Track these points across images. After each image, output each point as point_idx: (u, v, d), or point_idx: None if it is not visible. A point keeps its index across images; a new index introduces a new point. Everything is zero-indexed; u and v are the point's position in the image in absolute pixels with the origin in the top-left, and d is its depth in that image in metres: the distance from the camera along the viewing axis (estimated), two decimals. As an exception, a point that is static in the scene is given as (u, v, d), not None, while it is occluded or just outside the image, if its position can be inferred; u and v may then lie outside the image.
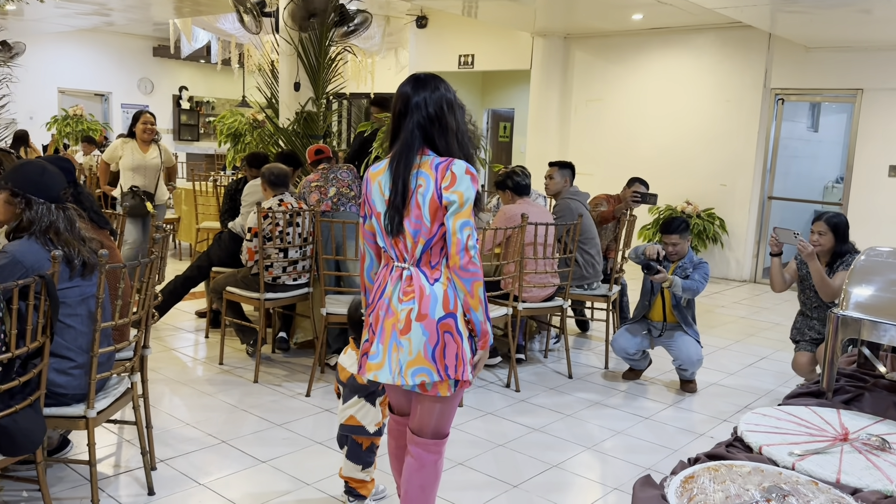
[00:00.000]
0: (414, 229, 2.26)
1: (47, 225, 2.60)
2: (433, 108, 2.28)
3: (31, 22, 12.30)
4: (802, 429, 1.82)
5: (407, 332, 2.25)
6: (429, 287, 2.27)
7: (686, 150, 9.09)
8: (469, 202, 2.22)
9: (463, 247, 2.21)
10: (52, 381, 2.57)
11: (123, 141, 6.30)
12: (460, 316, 2.28)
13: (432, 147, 2.30)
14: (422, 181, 2.24)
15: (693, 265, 4.61)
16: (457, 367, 2.27)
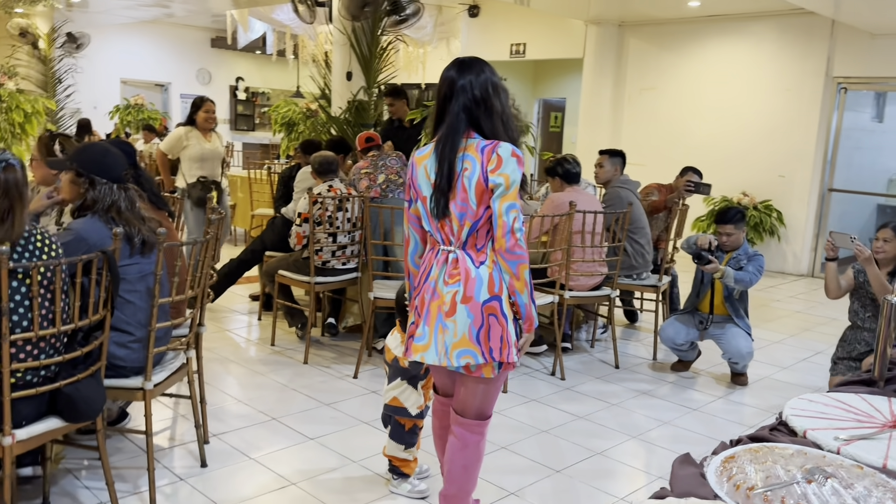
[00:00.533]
0: (460, 212, 2.29)
1: (109, 204, 2.71)
2: (479, 90, 2.30)
3: (95, 14, 12.69)
4: (850, 415, 1.79)
5: (452, 314, 2.28)
6: (474, 270, 2.29)
7: (743, 141, 8.89)
8: (515, 185, 2.23)
9: (509, 229, 2.22)
10: (112, 354, 2.68)
11: (187, 130, 5.96)
12: (505, 299, 2.30)
13: (478, 130, 2.31)
14: (468, 164, 2.26)
15: (747, 257, 4.51)
16: (501, 349, 2.29)
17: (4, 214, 2.18)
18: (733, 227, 4.53)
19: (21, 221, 2.23)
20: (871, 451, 1.59)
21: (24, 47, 12.12)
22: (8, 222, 2.19)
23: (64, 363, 2.34)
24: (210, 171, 5.93)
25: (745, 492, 1.40)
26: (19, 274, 2.16)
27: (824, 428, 1.70)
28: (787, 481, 1.41)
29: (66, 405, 2.32)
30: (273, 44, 13.76)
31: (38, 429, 2.28)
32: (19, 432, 2.22)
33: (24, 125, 6.52)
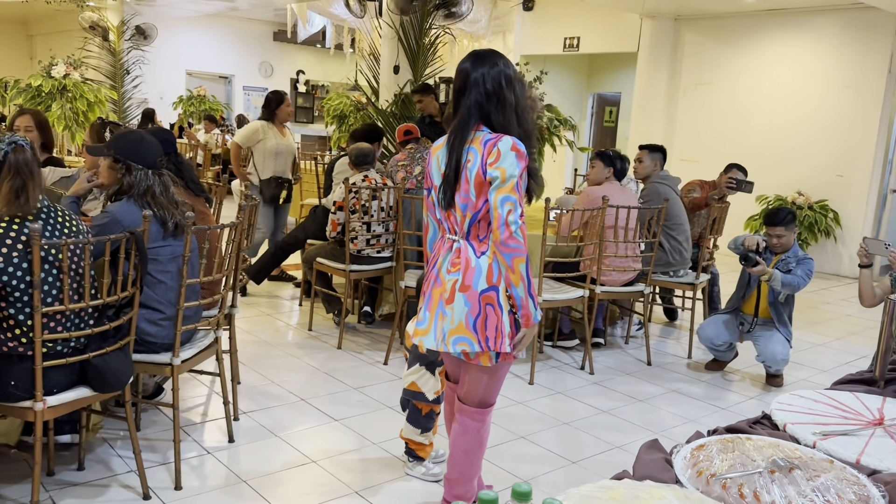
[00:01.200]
0: (463, 203, 2.34)
1: (145, 189, 2.86)
2: (491, 83, 2.33)
3: (162, 7, 13.15)
4: (837, 412, 1.78)
5: (451, 301, 2.34)
6: (475, 259, 2.34)
7: (800, 138, 8.65)
8: (512, 178, 2.25)
9: (503, 222, 2.25)
10: (143, 330, 2.84)
11: (264, 124, 5.86)
12: (503, 289, 2.33)
13: (488, 123, 2.35)
14: (471, 156, 2.30)
15: (797, 260, 4.40)
16: (496, 339, 2.33)
17: (18, 191, 2.35)
18: (784, 229, 4.42)
19: (34, 196, 2.40)
20: (848, 446, 1.59)
21: (95, 39, 12.67)
22: (22, 197, 2.36)
23: (93, 336, 2.50)
24: (283, 167, 5.91)
25: (706, 478, 1.42)
26: (51, 251, 2.32)
27: (806, 423, 1.70)
28: (749, 471, 1.43)
29: (94, 376, 2.48)
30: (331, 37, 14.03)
31: (68, 396, 2.44)
32: (50, 399, 2.38)
33: (87, 113, 6.84)
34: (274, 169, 5.87)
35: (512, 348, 2.36)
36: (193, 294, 3.02)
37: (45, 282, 2.32)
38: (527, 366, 4.46)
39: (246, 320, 5.18)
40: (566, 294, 4.47)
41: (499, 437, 3.55)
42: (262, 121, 5.92)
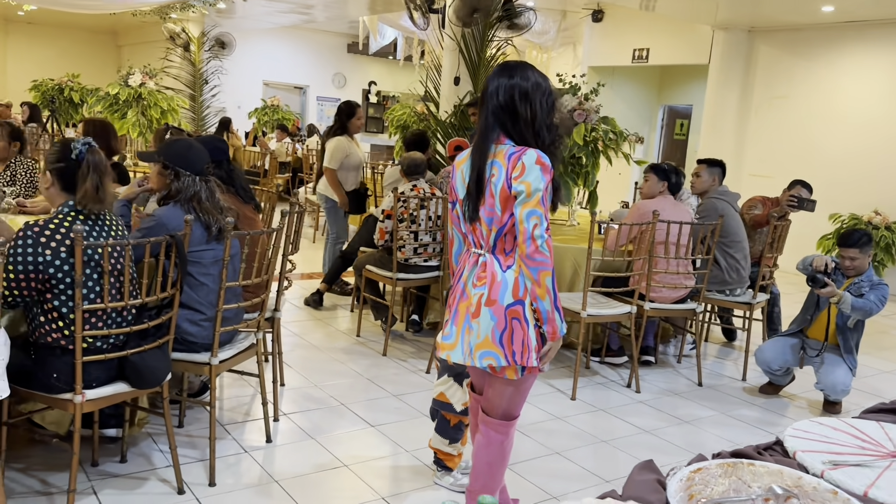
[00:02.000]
0: (488, 217, 2.34)
1: (191, 194, 2.98)
2: (504, 96, 2.32)
3: (241, 19, 13.65)
4: (856, 441, 1.70)
5: (477, 315, 2.34)
6: (501, 273, 2.33)
7: (878, 155, 8.26)
8: (538, 192, 2.23)
9: (529, 236, 2.24)
10: (184, 330, 2.95)
11: (345, 140, 5.82)
12: (528, 304, 2.31)
13: (509, 135, 2.35)
14: (495, 170, 2.30)
15: (870, 284, 4.17)
16: (522, 353, 2.31)
17: (98, 188, 2.50)
18: (858, 251, 4.21)
19: (110, 195, 2.57)
20: (858, 477, 1.52)
21: (177, 50, 13.25)
22: (101, 193, 2.52)
23: (132, 334, 2.61)
24: (360, 178, 5.98)
25: (697, 503, 1.39)
26: (94, 251, 2.44)
27: (818, 451, 1.63)
28: (742, 497, 1.38)
29: (132, 372, 2.59)
30: (402, 49, 14.25)
31: (106, 391, 2.56)
32: (89, 392, 2.50)
33: (161, 120, 7.16)
34: (356, 181, 5.98)
35: (538, 362, 2.35)
36: (234, 297, 3.11)
37: (88, 280, 2.45)
38: (570, 381, 4.41)
39: (297, 324, 5.30)
40: (612, 309, 4.40)
41: (533, 451, 3.52)
42: (340, 136, 5.89)
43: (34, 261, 2.39)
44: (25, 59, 16.52)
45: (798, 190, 5.30)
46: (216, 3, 10.71)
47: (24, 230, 2.41)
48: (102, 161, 2.57)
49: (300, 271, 7.09)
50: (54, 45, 16.90)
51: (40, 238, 2.41)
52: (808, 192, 5.34)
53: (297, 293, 6.19)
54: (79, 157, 2.53)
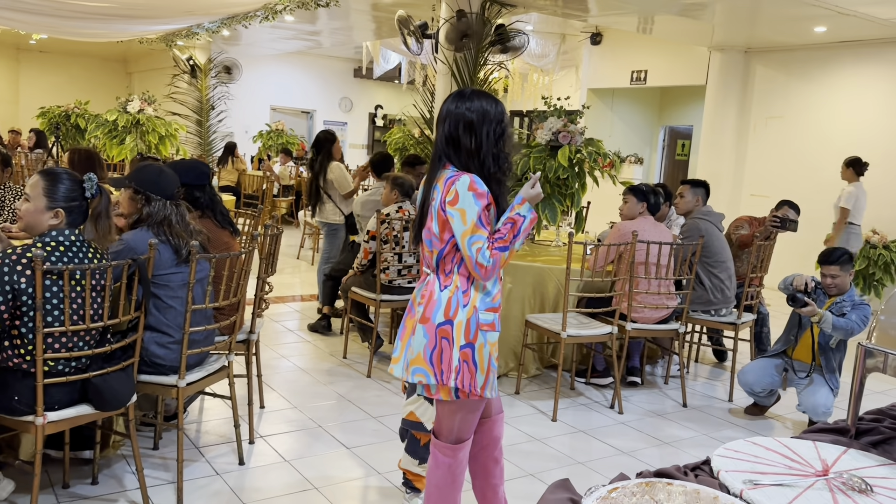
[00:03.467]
0: (427, 239, 2.39)
1: (162, 218, 3.03)
2: (450, 125, 2.36)
3: (247, 46, 13.85)
4: (784, 461, 1.70)
5: (413, 332, 2.37)
6: (438, 292, 2.35)
7: (875, 174, 8.19)
8: (473, 218, 2.25)
9: (475, 262, 2.27)
10: (152, 353, 2.98)
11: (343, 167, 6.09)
12: (458, 324, 2.32)
13: (452, 163, 2.38)
14: (434, 194, 2.34)
15: (853, 304, 4.15)
16: (447, 372, 2.32)
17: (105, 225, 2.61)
18: (838, 269, 4.19)
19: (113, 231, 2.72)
20: (775, 497, 1.52)
21: (184, 76, 13.47)
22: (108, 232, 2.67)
23: (95, 357, 2.65)
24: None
25: (604, 523, 1.39)
26: (53, 275, 2.49)
27: (743, 471, 1.64)
28: (650, 517, 1.39)
29: (94, 394, 2.62)
30: (405, 73, 14.41)
31: (69, 413, 2.59)
32: (51, 415, 2.54)
33: (158, 146, 7.28)
34: (350, 205, 6.09)
35: (460, 385, 2.33)
36: (204, 319, 3.15)
37: (49, 303, 2.49)
38: (551, 402, 4.40)
39: (285, 346, 5.33)
40: (593, 330, 4.40)
41: (508, 473, 3.49)
42: (338, 162, 6.07)
43: (10, 288, 2.43)
44: (37, 86, 16.84)
45: (784, 210, 5.30)
46: (220, 31, 10.89)
47: (3, 256, 2.46)
48: (110, 202, 2.67)
49: (300, 293, 7.14)
50: (66, 73, 17.21)
51: (16, 266, 2.45)
52: (795, 213, 5.34)
53: (294, 316, 6.23)
54: (93, 196, 2.62)
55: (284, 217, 12.23)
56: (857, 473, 1.64)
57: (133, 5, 8.91)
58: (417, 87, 13.76)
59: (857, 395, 1.87)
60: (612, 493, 1.50)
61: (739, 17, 7.90)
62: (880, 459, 1.75)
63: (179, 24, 11.05)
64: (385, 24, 10.61)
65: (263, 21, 9.22)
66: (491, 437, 2.59)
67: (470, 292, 2.34)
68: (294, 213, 11.97)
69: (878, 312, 1.89)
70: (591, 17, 8.85)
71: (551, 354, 5.12)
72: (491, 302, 2.37)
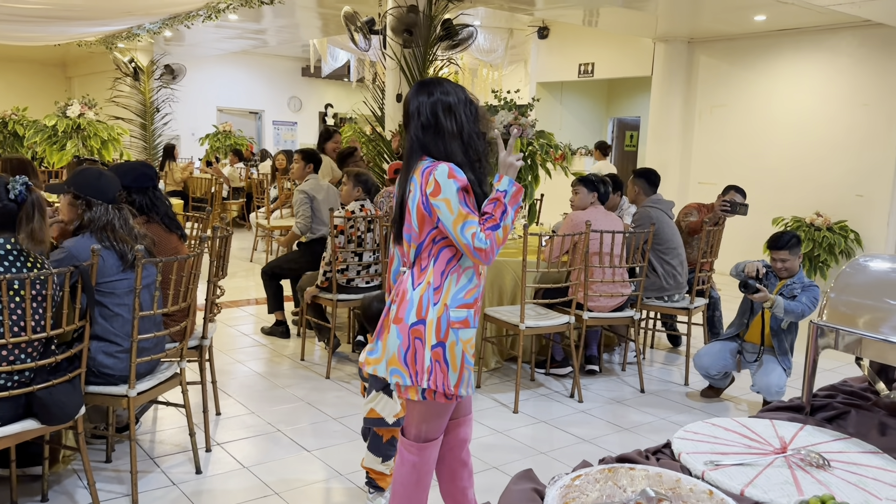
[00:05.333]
0: (407, 234, 2.34)
1: (105, 223, 2.93)
2: (427, 113, 2.31)
3: (191, 46, 13.56)
4: (744, 440, 1.72)
5: (389, 332, 2.33)
6: (410, 291, 2.31)
7: (817, 158, 8.46)
8: (459, 204, 2.21)
9: (472, 249, 2.22)
10: (100, 363, 2.88)
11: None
12: (429, 323, 2.28)
13: (430, 154, 2.32)
14: (412, 187, 2.29)
15: (802, 286, 4.24)
16: (419, 374, 2.28)
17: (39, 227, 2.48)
18: (788, 253, 4.29)
19: (48, 235, 2.58)
20: (737, 477, 1.53)
21: (126, 79, 13.12)
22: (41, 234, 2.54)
23: (40, 369, 2.55)
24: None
25: (569, 511, 1.38)
26: (-7, 286, 2.39)
27: (704, 452, 1.64)
28: (616, 502, 1.38)
29: (40, 409, 2.52)
30: (355, 71, 14.29)
31: (13, 429, 2.49)
32: (-6, 431, 2.43)
33: (101, 151, 7.07)
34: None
35: (433, 385, 2.30)
36: (154, 326, 3.06)
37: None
38: (512, 394, 4.40)
39: (240, 351, 5.23)
40: (551, 321, 4.42)
41: (471, 467, 3.49)
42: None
43: None
44: (-29, 94, 16.22)
45: (732, 195, 5.40)
46: (161, 32, 10.64)
47: None
48: (43, 201, 2.54)
49: (255, 296, 7.01)
50: (1, 79, 16.61)
51: None
52: (742, 197, 5.44)
53: (249, 320, 6.12)
54: (18, 197, 2.50)
55: (235, 220, 12.02)
56: (814, 449, 1.67)
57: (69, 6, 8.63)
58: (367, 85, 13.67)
59: (811, 372, 1.90)
60: (576, 480, 1.50)
61: (682, 7, 8.03)
62: (835, 434, 1.78)
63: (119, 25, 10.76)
64: (332, 21, 10.50)
65: (206, 20, 9.02)
66: (458, 438, 2.56)
67: (442, 289, 2.29)
68: (245, 216, 11.77)
69: (828, 290, 1.93)
70: (537, 11, 8.90)
71: (511, 347, 5.12)
72: (464, 298, 2.31)
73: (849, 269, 1.94)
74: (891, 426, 1.85)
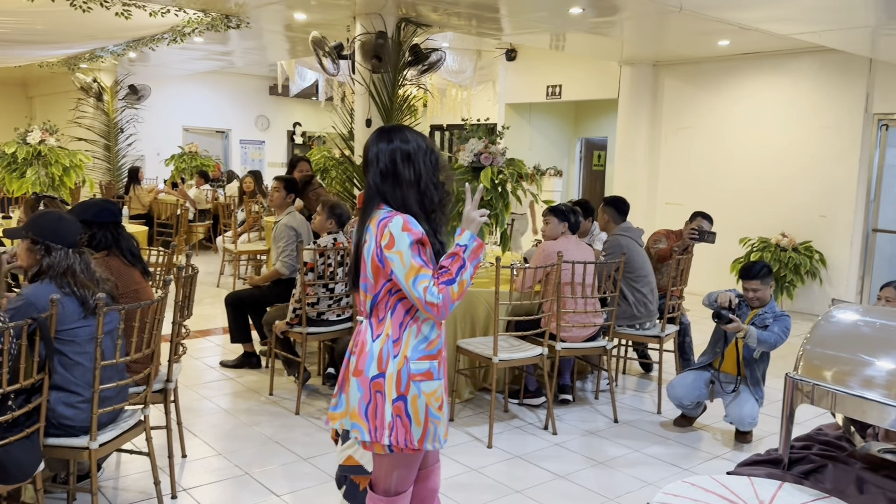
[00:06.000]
0: (363, 283, 2.30)
1: (65, 269, 2.84)
2: (385, 160, 2.29)
3: (155, 67, 13.37)
4: (724, 503, 1.69)
5: (348, 384, 2.28)
6: (370, 343, 2.27)
7: (781, 180, 8.60)
8: (412, 257, 2.18)
9: (424, 303, 2.18)
10: (60, 414, 2.78)
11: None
12: (389, 377, 2.23)
13: (387, 202, 2.30)
14: (367, 237, 2.26)
15: (774, 316, 4.28)
16: (379, 429, 2.23)
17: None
18: (759, 283, 4.32)
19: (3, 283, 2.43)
20: (718, 548, 1.50)
21: (89, 100, 12.90)
22: None
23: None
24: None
25: None
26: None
27: (684, 519, 1.61)
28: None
29: (-5, 467, 2.42)
30: (323, 90, 14.22)
31: (-34, 490, 2.38)
32: (-55, 494, 2.32)
33: (63, 178, 6.91)
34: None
35: (394, 442, 2.24)
36: (117, 373, 2.96)
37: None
38: (486, 427, 4.36)
39: (206, 386, 5.11)
40: (524, 353, 4.39)
41: (445, 509, 3.44)
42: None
43: None
44: (-72, 115, 15.82)
45: (699, 222, 5.44)
46: (125, 54, 10.47)
47: None
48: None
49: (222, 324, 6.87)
50: (-41, 100, 16.25)
51: None
52: (709, 223, 5.49)
53: (216, 351, 5.99)
54: None
55: (202, 242, 11.84)
56: (794, 512, 1.65)
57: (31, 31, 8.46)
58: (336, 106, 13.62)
59: (788, 425, 1.89)
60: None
61: (647, 33, 8.14)
62: (814, 492, 1.77)
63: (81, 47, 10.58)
64: (300, 44, 10.45)
65: (171, 43, 8.90)
66: (428, 489, 2.51)
67: (401, 341, 2.26)
68: (212, 238, 11.60)
69: (804, 342, 1.92)
70: (504, 35, 8.94)
71: (483, 378, 5.09)
72: (425, 349, 2.28)
73: (823, 322, 1.94)
74: (868, 481, 1.84)
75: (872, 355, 1.80)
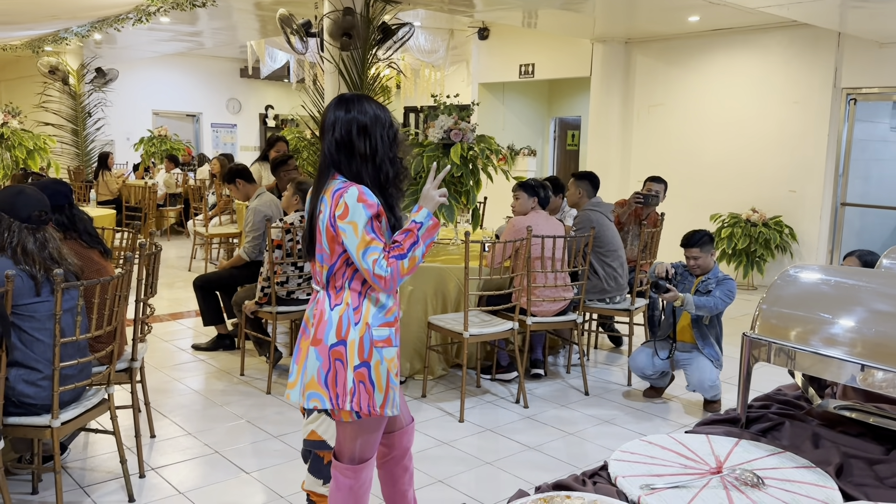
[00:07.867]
0: (319, 254, 2.27)
1: (15, 244, 2.78)
2: (342, 130, 2.25)
3: (122, 49, 13.12)
4: (679, 460, 1.70)
5: (307, 355, 2.26)
6: (328, 312, 2.25)
7: (752, 155, 8.67)
8: (364, 228, 2.17)
9: (372, 274, 2.17)
10: (20, 392, 2.74)
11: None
12: (351, 343, 2.22)
13: (341, 172, 2.28)
14: (322, 207, 2.24)
15: (717, 281, 4.34)
16: (342, 396, 2.22)
17: None
18: (699, 251, 4.38)
19: None
20: (673, 501, 1.51)
21: (55, 84, 12.63)
22: None
23: (-50, 404, 2.39)
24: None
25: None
26: None
27: (641, 475, 1.62)
28: (549, 537, 1.34)
29: (-48, 446, 2.37)
30: (294, 72, 14.05)
31: (-79, 470, 2.33)
32: None
33: (27, 161, 6.78)
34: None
35: (357, 408, 2.24)
36: (78, 351, 2.92)
37: None
38: (458, 402, 4.37)
39: (177, 368, 5.06)
40: (495, 328, 4.40)
41: (417, 481, 3.43)
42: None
43: None
44: None
45: (649, 185, 5.49)
46: (90, 35, 10.27)
47: None
48: None
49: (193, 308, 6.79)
50: (-80, 85, 15.86)
51: None
52: (661, 185, 5.53)
53: (187, 334, 5.94)
54: None
55: (173, 227, 11.71)
56: (749, 466, 1.67)
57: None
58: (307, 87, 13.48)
59: (745, 384, 1.91)
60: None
61: (618, 8, 8.13)
62: (769, 448, 1.79)
63: (44, 29, 10.35)
64: (270, 23, 10.29)
65: (137, 24, 8.73)
66: (401, 447, 2.52)
67: (361, 309, 2.25)
68: (183, 223, 11.47)
69: (761, 302, 1.93)
70: (476, 13, 8.88)
71: (456, 355, 5.09)
72: (385, 317, 2.28)
73: (780, 281, 1.95)
74: (823, 437, 1.86)
75: (829, 312, 1.81)
